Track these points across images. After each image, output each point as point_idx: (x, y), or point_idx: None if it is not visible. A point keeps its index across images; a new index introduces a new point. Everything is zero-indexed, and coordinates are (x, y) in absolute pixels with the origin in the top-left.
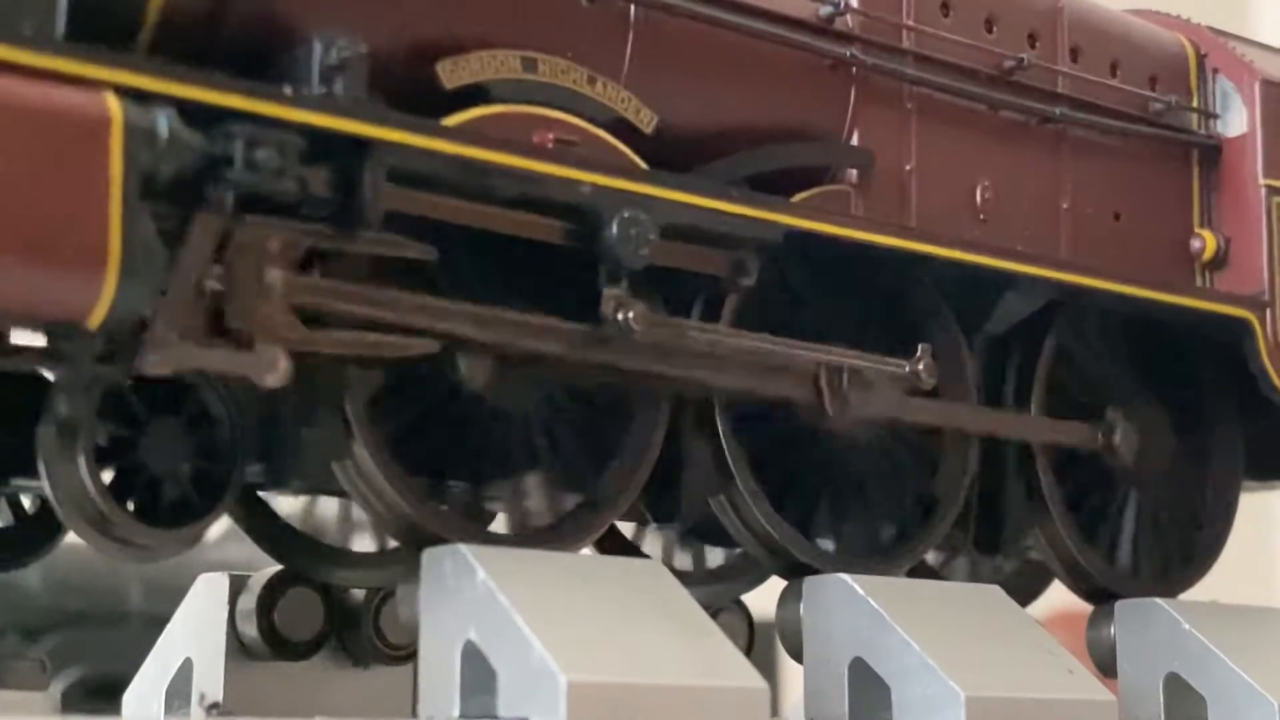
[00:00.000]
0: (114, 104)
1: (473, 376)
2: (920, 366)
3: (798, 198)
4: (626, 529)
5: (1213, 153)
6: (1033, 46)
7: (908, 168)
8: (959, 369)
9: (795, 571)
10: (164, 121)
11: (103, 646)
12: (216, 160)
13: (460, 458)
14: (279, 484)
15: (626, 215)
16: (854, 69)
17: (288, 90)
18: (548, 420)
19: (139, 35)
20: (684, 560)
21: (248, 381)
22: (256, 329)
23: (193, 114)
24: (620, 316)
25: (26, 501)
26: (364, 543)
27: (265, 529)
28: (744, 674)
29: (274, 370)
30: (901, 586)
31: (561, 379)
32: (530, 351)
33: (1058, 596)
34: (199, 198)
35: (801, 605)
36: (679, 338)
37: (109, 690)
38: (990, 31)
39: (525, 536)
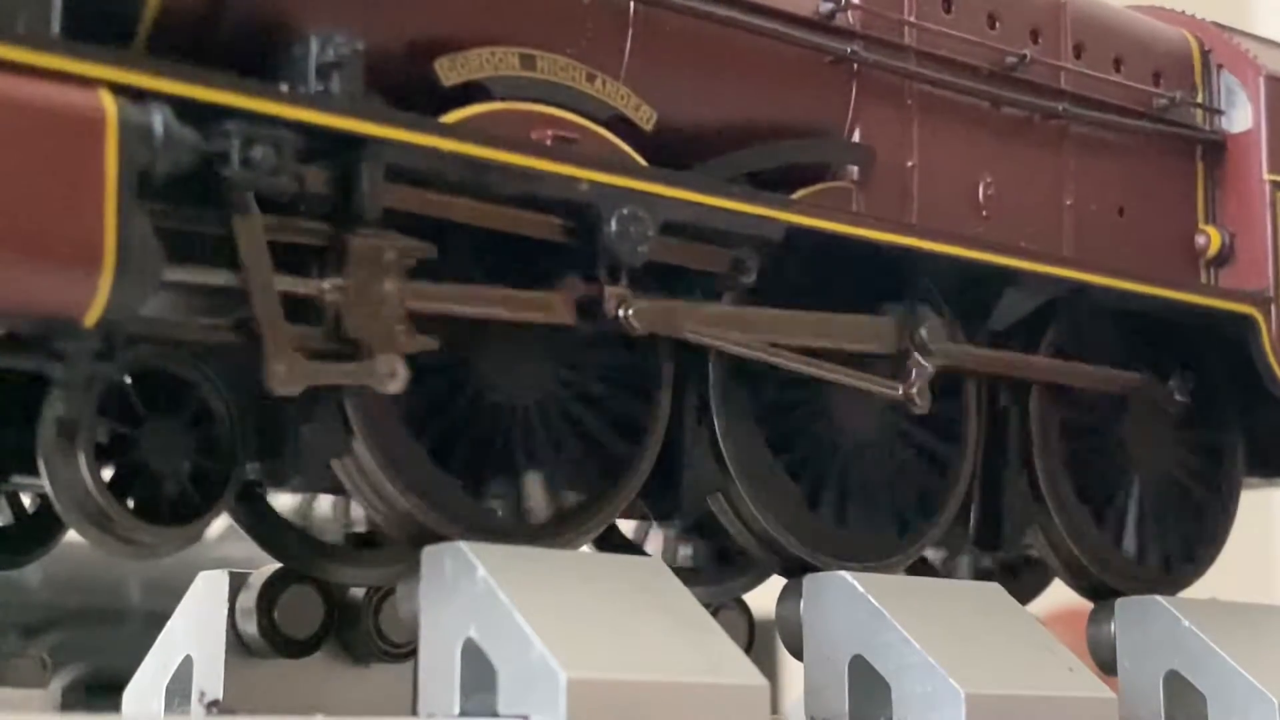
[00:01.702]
0: (109, 102)
1: (475, 373)
2: (914, 390)
3: (799, 194)
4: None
5: (1217, 148)
6: (1035, 42)
7: (909, 164)
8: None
9: (795, 569)
10: (160, 119)
11: (103, 644)
12: (213, 158)
13: (460, 454)
14: (279, 482)
15: (626, 212)
16: (855, 65)
17: (284, 88)
18: (548, 417)
19: (135, 33)
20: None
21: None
22: (375, 339)
23: (189, 112)
24: (621, 314)
25: (26, 500)
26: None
27: (265, 527)
28: (744, 671)
29: (394, 378)
30: (902, 584)
31: (562, 367)
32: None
33: (1058, 594)
34: (202, 197)
35: (801, 603)
36: (679, 333)
37: (109, 688)
38: (993, 27)
39: (525, 534)
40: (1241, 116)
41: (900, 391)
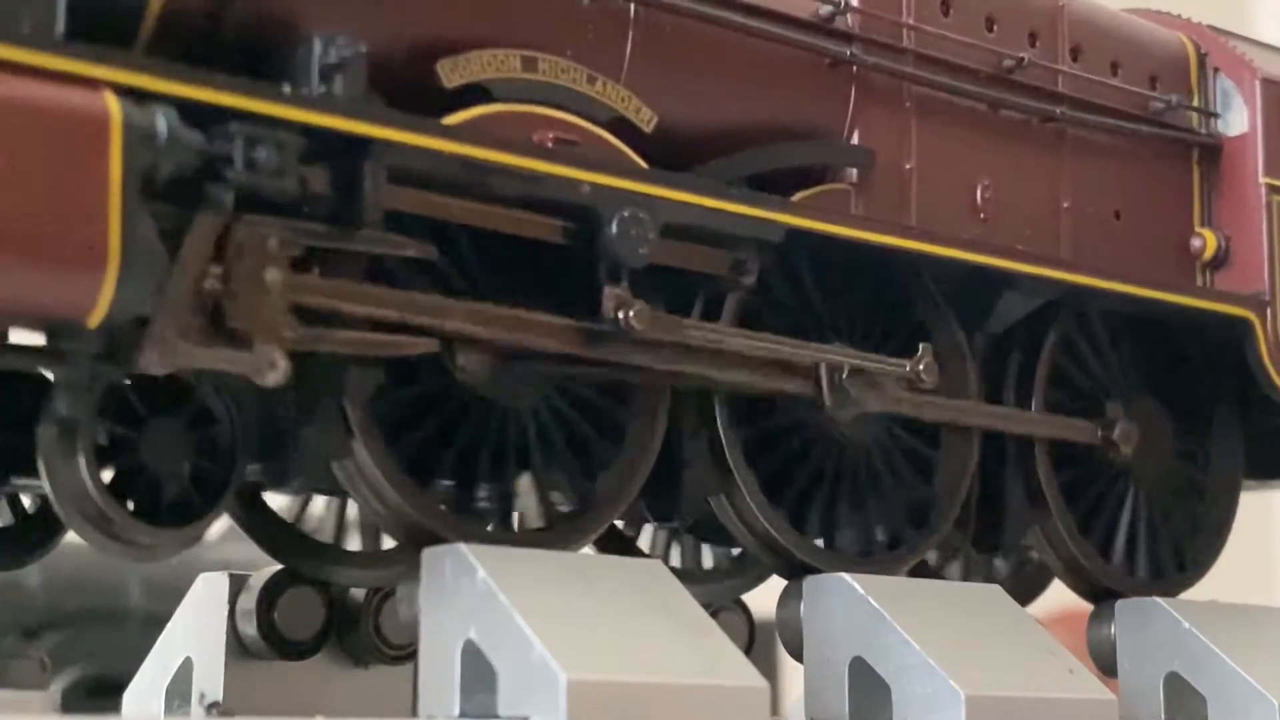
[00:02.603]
0: (113, 103)
1: (472, 375)
2: (921, 367)
3: (798, 197)
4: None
5: (1213, 152)
6: (1033, 45)
7: (908, 167)
8: (959, 367)
9: (795, 571)
10: (163, 121)
11: (103, 646)
12: (216, 159)
13: (460, 456)
14: (279, 483)
15: (626, 214)
16: (854, 68)
17: (287, 89)
18: (547, 419)
19: (138, 34)
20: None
21: (247, 380)
22: (255, 328)
23: (192, 113)
24: (621, 315)
25: (26, 501)
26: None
27: (265, 528)
28: (744, 673)
29: (274, 369)
30: (902, 586)
31: (561, 376)
32: (529, 348)
33: (1058, 596)
34: (199, 197)
35: (802, 605)
36: (679, 336)
37: (109, 689)
38: (991, 30)
39: (525, 535)
40: (1238, 120)
41: (908, 368)
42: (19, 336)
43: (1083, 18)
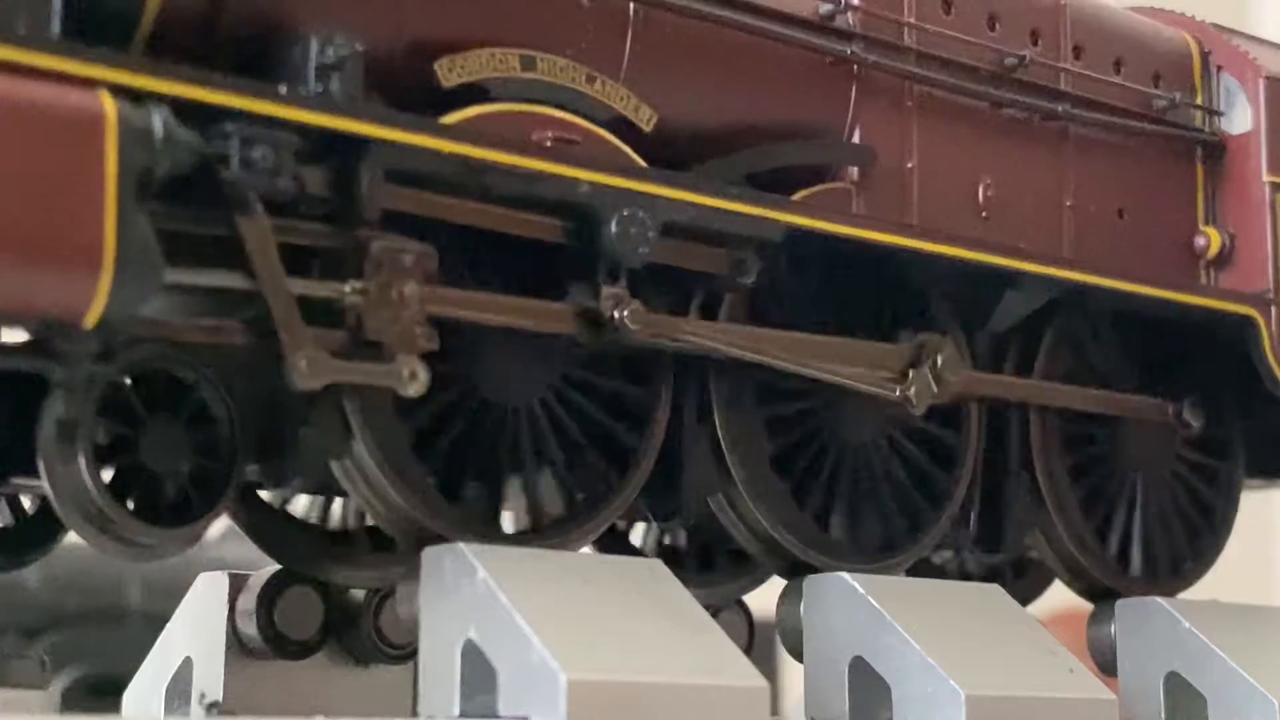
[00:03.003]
0: (109, 103)
1: (473, 374)
2: (911, 392)
3: (798, 195)
4: None
5: (1216, 150)
6: (1035, 44)
7: (909, 165)
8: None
9: (795, 570)
10: (159, 121)
11: (102, 645)
12: (212, 159)
13: (460, 455)
14: (279, 483)
15: (626, 213)
16: (855, 66)
17: (283, 89)
18: (547, 418)
19: (135, 34)
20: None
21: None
22: (395, 341)
23: (188, 113)
24: (616, 315)
25: (26, 501)
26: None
27: (265, 528)
28: (744, 673)
29: (414, 380)
30: (902, 585)
31: (562, 375)
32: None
33: (1058, 596)
34: (201, 198)
35: (802, 604)
36: (676, 336)
37: (109, 689)
38: (992, 29)
39: (525, 535)
40: (1241, 118)
41: (898, 393)
42: (19, 336)
43: (1085, 16)
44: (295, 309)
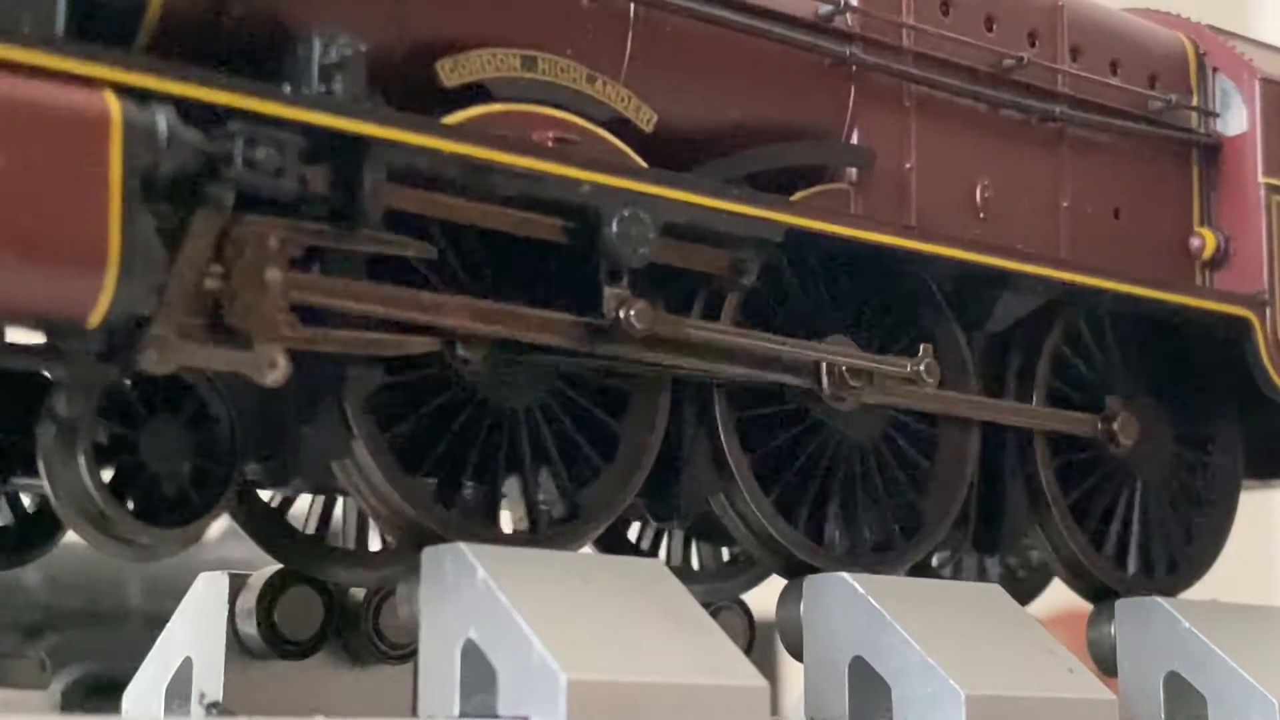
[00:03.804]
0: (113, 103)
1: (472, 373)
2: (922, 367)
3: (797, 196)
4: None
5: (1212, 151)
6: (1033, 45)
7: (907, 166)
8: (959, 364)
9: (795, 571)
10: (163, 120)
11: (103, 645)
12: (216, 159)
13: (459, 455)
14: (279, 483)
15: (626, 214)
16: (854, 67)
17: (287, 89)
18: (547, 418)
19: (139, 34)
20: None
21: (247, 379)
22: (255, 328)
23: (192, 113)
24: (622, 314)
25: (26, 500)
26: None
27: (265, 528)
28: (744, 673)
29: (274, 369)
30: (901, 585)
31: (561, 375)
32: (531, 343)
33: (1058, 596)
34: (199, 196)
35: (802, 604)
36: (680, 336)
37: (109, 689)
38: (990, 30)
39: (525, 535)
40: (1237, 119)
41: (909, 368)
42: (20, 336)
43: (1082, 17)
44: (183, 294)
